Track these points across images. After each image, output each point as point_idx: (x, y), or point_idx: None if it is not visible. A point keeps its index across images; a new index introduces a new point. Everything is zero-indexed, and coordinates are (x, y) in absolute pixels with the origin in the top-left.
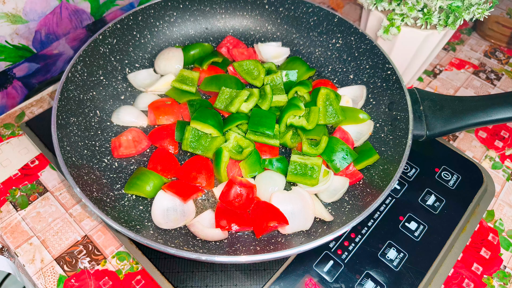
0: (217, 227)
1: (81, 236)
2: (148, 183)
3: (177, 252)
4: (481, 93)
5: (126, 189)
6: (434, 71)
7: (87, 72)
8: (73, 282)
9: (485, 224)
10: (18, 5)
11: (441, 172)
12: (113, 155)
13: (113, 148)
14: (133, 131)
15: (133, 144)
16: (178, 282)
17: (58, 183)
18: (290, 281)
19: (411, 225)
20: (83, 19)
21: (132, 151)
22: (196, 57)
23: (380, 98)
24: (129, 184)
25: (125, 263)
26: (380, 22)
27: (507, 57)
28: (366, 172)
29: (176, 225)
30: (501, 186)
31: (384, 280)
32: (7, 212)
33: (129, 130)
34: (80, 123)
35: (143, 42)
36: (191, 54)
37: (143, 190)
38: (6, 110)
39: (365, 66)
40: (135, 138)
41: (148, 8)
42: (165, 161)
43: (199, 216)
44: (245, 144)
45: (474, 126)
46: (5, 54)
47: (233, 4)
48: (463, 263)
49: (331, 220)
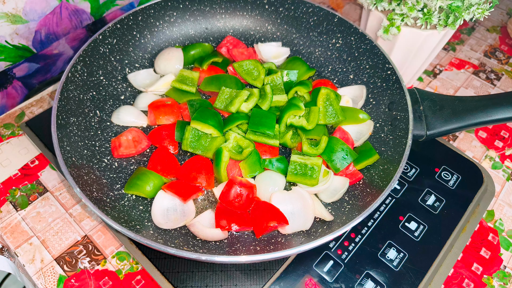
0: (217, 227)
1: (81, 236)
2: (148, 183)
3: (177, 252)
4: (481, 93)
5: (126, 189)
6: (434, 71)
7: (87, 72)
8: (73, 282)
9: (485, 224)
10: (18, 5)
11: (441, 172)
12: (113, 155)
13: (113, 148)
14: (133, 131)
15: (133, 144)
16: (178, 282)
17: (58, 183)
18: (290, 281)
19: (411, 225)
20: (83, 19)
21: (132, 151)
22: (196, 57)
23: (380, 98)
24: (129, 184)
25: (125, 263)
26: (380, 22)
27: (507, 57)
28: (366, 172)
29: (176, 225)
30: (501, 186)
31: (384, 280)
32: (7, 212)
33: (129, 130)
34: (80, 123)
35: (143, 42)
36: (191, 54)
37: (143, 190)
38: (6, 110)
39: (365, 66)
40: (135, 138)
41: (148, 8)
42: (165, 161)
43: (199, 216)
44: (245, 144)
45: (474, 126)
46: (5, 54)
47: (233, 4)
48: (463, 263)
49: (331, 220)
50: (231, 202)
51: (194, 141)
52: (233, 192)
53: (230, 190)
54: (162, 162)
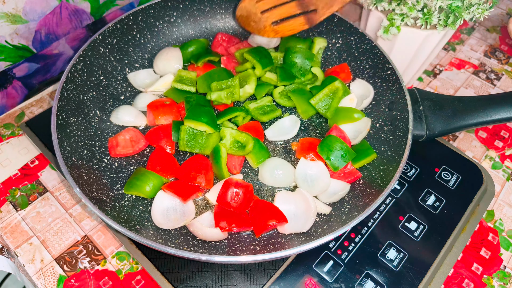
0: (217, 227)
1: (81, 236)
2: (148, 184)
3: (177, 252)
4: (481, 93)
5: (126, 189)
6: (434, 71)
7: (87, 72)
8: (73, 282)
9: (485, 224)
10: (18, 5)
11: (441, 172)
12: (110, 155)
13: (110, 147)
14: (130, 131)
15: (130, 144)
16: (178, 282)
17: (58, 183)
18: (290, 281)
19: (411, 225)
20: (83, 19)
21: (129, 151)
22: (195, 53)
23: (380, 98)
24: (128, 184)
25: (125, 263)
26: (380, 22)
27: (507, 57)
28: (366, 172)
29: (176, 225)
30: (501, 186)
31: (384, 280)
32: (7, 212)
33: (127, 130)
34: (80, 123)
35: (143, 42)
36: (189, 51)
37: (142, 191)
38: (6, 110)
39: (365, 66)
40: (132, 137)
41: (148, 8)
42: (164, 161)
43: (200, 217)
44: (244, 139)
45: (474, 126)
46: (5, 54)
47: (233, 4)
48: (463, 263)
49: (331, 220)
50: (228, 203)
51: (190, 140)
52: (230, 193)
53: (227, 192)
54: (161, 162)
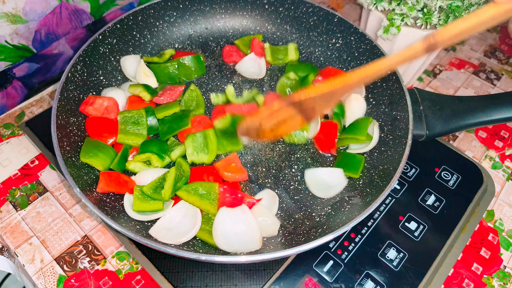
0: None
1: (81, 236)
2: (105, 153)
3: (177, 252)
4: (481, 93)
5: (82, 157)
6: (434, 71)
7: (87, 72)
8: (73, 282)
9: (485, 224)
10: (18, 5)
11: (441, 172)
12: (79, 109)
13: (85, 101)
14: (111, 100)
15: (103, 110)
16: (178, 282)
17: (58, 183)
18: (290, 281)
19: (411, 225)
20: (83, 19)
21: (97, 114)
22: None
23: (380, 98)
24: (84, 151)
25: (125, 263)
26: (380, 22)
27: (507, 57)
28: (366, 172)
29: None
30: (501, 186)
31: (384, 280)
32: (7, 212)
33: (110, 98)
34: (80, 123)
35: (143, 42)
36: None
37: (99, 160)
38: (6, 110)
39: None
40: (109, 107)
41: (148, 8)
42: (104, 125)
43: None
44: (185, 168)
45: (474, 126)
46: (5, 54)
47: (233, 4)
48: (463, 263)
49: (326, 222)
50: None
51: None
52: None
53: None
54: (102, 127)
